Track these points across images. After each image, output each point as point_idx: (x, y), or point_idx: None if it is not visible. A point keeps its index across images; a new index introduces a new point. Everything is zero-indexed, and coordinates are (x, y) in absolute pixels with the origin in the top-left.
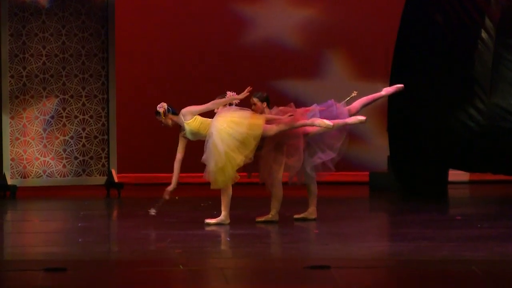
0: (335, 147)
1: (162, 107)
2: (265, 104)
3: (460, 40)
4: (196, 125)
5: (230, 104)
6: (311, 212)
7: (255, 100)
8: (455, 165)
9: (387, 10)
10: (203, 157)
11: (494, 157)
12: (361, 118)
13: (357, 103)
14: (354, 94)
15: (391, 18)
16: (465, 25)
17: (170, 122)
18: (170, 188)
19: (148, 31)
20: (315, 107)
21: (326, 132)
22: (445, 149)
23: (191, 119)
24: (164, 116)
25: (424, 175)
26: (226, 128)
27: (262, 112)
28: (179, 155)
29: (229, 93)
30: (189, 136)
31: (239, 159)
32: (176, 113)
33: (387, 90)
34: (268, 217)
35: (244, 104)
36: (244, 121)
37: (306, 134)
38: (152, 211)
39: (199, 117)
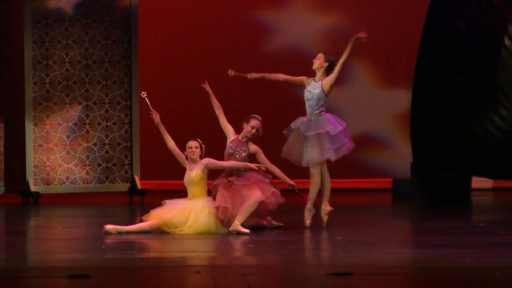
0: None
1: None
2: (326, 64)
3: (483, 47)
4: (198, 179)
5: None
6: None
7: (320, 54)
8: (478, 172)
9: (410, 17)
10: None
11: None
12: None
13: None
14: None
15: (414, 25)
16: (488, 32)
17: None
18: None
19: (171, 37)
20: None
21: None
22: (468, 156)
23: (203, 172)
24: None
25: (447, 182)
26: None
27: (320, 67)
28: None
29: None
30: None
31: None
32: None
33: None
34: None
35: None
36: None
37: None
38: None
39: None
